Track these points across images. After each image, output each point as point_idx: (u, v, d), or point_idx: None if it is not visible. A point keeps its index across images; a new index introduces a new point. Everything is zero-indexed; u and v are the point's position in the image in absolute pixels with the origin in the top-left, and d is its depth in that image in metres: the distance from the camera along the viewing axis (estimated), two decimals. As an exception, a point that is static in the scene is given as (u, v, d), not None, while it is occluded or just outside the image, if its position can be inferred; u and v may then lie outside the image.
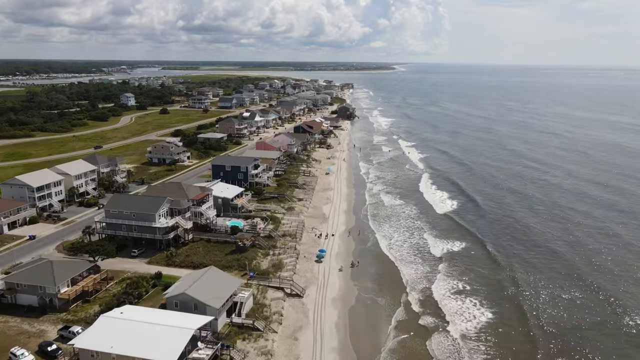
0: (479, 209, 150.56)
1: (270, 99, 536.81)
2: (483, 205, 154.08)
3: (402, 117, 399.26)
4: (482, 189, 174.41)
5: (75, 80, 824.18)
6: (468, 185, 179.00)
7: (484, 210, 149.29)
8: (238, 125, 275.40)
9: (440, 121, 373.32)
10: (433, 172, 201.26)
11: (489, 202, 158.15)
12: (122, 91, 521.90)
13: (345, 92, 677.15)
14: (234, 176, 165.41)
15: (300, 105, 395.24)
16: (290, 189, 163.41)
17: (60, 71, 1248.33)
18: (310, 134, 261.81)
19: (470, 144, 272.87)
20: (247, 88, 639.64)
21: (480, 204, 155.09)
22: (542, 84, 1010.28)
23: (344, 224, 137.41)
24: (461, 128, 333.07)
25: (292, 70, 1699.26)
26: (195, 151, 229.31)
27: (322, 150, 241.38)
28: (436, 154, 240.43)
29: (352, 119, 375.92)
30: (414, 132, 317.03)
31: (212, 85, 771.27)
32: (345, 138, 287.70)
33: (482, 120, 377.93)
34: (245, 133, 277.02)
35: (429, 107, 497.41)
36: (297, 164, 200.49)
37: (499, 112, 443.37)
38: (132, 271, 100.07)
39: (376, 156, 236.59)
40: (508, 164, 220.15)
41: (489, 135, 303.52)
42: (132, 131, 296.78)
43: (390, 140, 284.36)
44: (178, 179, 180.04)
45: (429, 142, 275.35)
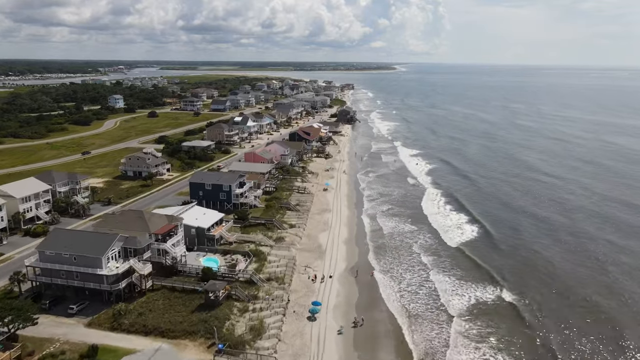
0: (494, 240, 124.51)
1: (267, 101, 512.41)
2: (498, 235, 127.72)
3: (404, 121, 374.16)
4: (493, 212, 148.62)
5: (69, 81, 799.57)
6: (478, 206, 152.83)
7: (499, 242, 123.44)
8: (228, 131, 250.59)
9: (443, 126, 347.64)
10: (438, 188, 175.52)
11: (504, 230, 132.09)
12: (111, 92, 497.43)
13: (345, 94, 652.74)
14: (215, 196, 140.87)
15: (298, 108, 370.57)
16: (281, 212, 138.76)
17: (54, 71, 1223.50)
18: (307, 142, 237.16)
19: (476, 152, 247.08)
20: (243, 89, 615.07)
21: (494, 234, 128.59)
22: (544, 85, 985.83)
23: (344, 259, 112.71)
24: (466, 134, 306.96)
25: (292, 71, 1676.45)
26: (178, 161, 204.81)
27: (320, 161, 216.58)
28: (440, 165, 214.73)
29: (352, 123, 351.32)
30: (417, 138, 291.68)
31: (209, 85, 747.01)
32: (346, 145, 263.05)
33: (487, 125, 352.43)
34: (235, 140, 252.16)
35: (432, 109, 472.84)
36: (291, 179, 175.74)
37: (504, 115, 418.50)
38: (62, 339, 75.42)
39: (378, 167, 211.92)
40: (519, 177, 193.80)
41: (496, 142, 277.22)
42: (113, 137, 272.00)
43: (392, 148, 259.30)
44: (153, 197, 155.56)
45: (432, 150, 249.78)
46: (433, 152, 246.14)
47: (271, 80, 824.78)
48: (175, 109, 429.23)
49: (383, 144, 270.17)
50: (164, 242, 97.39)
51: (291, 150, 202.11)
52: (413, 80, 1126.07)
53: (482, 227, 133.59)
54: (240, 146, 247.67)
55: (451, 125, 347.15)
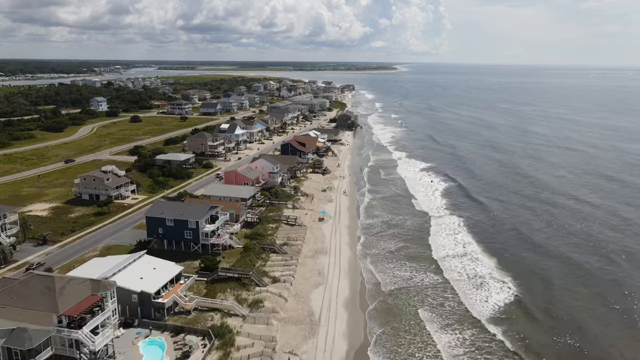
0: (527, 307, 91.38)
1: (262, 103, 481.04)
2: (532, 303, 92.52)
3: (409, 127, 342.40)
4: (516, 254, 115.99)
5: (60, 81, 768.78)
6: (497, 248, 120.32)
7: (536, 312, 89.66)
8: (212, 141, 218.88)
9: (448, 133, 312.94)
10: (448, 217, 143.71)
11: (536, 287, 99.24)
12: (94, 94, 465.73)
13: (345, 95, 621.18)
14: (178, 235, 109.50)
15: (294, 112, 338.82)
16: (263, 256, 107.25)
17: (47, 71, 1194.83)
18: (302, 154, 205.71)
19: (485, 167, 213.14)
20: (237, 91, 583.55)
21: (527, 300, 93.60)
22: (548, 85, 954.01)
23: (344, 337, 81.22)
24: (472, 143, 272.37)
25: (291, 71, 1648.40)
26: (149, 179, 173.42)
27: (317, 178, 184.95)
28: (447, 185, 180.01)
29: (354, 129, 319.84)
30: (423, 148, 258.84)
31: (204, 86, 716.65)
32: (347, 156, 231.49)
33: (494, 132, 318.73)
34: (220, 151, 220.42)
35: (439, 113, 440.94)
36: (280, 205, 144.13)
37: (511, 120, 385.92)
38: None
39: (381, 185, 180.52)
40: (538, 201, 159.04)
41: (506, 154, 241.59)
42: (82, 147, 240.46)
43: (394, 161, 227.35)
44: (104, 231, 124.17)
45: (438, 164, 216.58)
46: (439, 166, 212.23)
47: (268, 81, 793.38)
48: (161, 112, 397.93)
49: (384, 155, 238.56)
50: (79, 328, 65.82)
51: (282, 166, 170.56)
52: (415, 81, 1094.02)
53: (507, 285, 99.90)
54: (225, 158, 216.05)
55: (456, 132, 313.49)
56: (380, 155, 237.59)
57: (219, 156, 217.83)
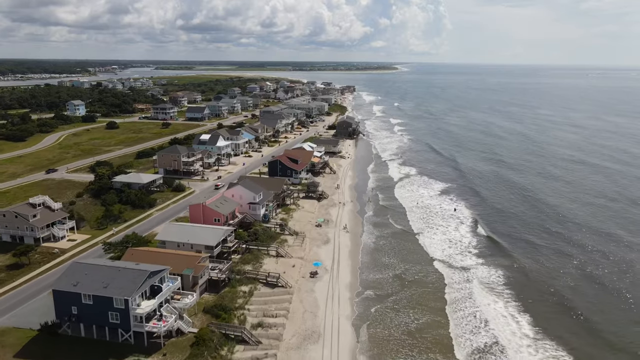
0: None
1: (257, 106, 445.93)
2: None
3: (414, 135, 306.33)
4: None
5: (49, 82, 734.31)
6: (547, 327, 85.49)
7: None
8: (187, 156, 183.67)
9: (466, 142, 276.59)
10: (481, 272, 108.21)
11: None
12: (74, 97, 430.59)
13: (346, 97, 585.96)
14: (100, 317, 74.59)
15: (288, 118, 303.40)
16: (224, 353, 72.23)
17: (39, 71, 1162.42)
18: (294, 173, 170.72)
19: (518, 199, 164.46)
20: (231, 92, 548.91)
21: None
22: (555, 86, 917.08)
23: None
24: (498, 158, 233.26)
25: (290, 71, 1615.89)
26: (102, 209, 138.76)
27: (310, 205, 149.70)
28: (465, 228, 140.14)
29: (355, 137, 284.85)
30: (434, 164, 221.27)
31: (197, 87, 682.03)
32: (347, 173, 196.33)
33: (522, 141, 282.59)
34: (197, 169, 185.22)
35: (448, 116, 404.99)
36: (260, 252, 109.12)
37: (536, 125, 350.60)
38: None
39: (389, 216, 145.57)
40: (595, 254, 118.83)
41: (537, 176, 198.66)
42: (39, 161, 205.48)
43: (405, 179, 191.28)
44: (12, 296, 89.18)
45: (455, 188, 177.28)
46: (455, 192, 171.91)
47: (265, 81, 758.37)
48: (144, 117, 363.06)
49: (391, 171, 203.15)
50: None
51: (266, 193, 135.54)
52: (417, 81, 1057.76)
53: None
54: (202, 177, 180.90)
55: (467, 143, 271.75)
56: (386, 172, 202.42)
57: (195, 174, 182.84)
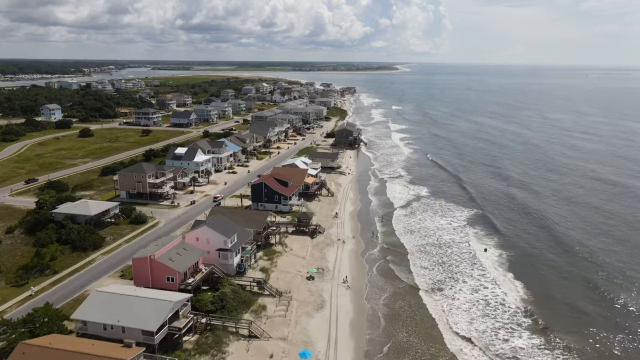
0: None
1: (250, 110, 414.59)
2: None
3: (420, 144, 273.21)
4: None
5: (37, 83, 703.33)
6: None
7: None
8: (154, 176, 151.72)
9: (473, 154, 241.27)
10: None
11: None
12: (53, 99, 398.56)
13: (346, 100, 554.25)
14: None
15: (282, 125, 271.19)
16: None
17: (31, 72, 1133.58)
18: (283, 199, 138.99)
19: (547, 238, 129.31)
20: (224, 95, 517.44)
21: None
22: (562, 87, 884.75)
23: None
24: (513, 176, 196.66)
25: (290, 71, 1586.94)
26: (32, 250, 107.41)
27: (301, 245, 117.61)
28: (499, 280, 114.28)
29: (357, 146, 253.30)
30: (440, 182, 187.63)
31: (191, 88, 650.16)
32: (348, 196, 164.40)
33: (535, 152, 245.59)
34: (166, 192, 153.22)
35: (452, 122, 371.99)
36: (225, 330, 77.38)
37: (547, 133, 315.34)
38: None
39: (401, 259, 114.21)
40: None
41: (573, 202, 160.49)
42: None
43: (416, 202, 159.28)
44: None
45: (473, 217, 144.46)
46: (474, 222, 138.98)
47: (262, 82, 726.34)
48: (126, 122, 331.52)
49: (399, 191, 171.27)
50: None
51: (242, 233, 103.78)
52: (419, 82, 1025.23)
53: None
54: (172, 203, 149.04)
55: (484, 156, 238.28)
56: (393, 193, 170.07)
57: (164, 198, 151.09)
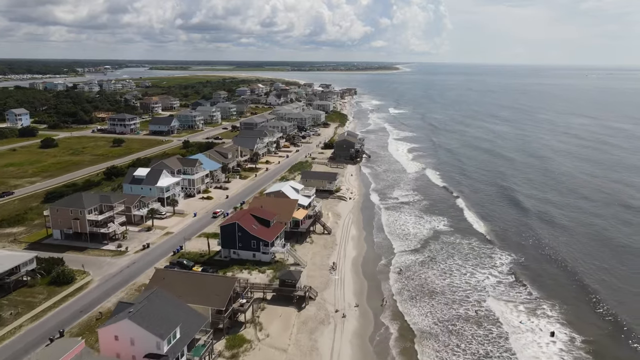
0: None
1: (242, 114, 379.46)
2: None
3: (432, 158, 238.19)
4: None
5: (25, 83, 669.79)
6: None
7: None
8: (96, 212, 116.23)
9: (495, 169, 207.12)
10: None
11: None
12: (24, 103, 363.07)
13: (346, 102, 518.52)
14: None
15: (272, 135, 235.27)
16: None
17: (22, 72, 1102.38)
18: (263, 245, 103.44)
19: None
20: (216, 97, 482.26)
21: None
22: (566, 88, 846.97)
23: None
24: (547, 209, 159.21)
25: (289, 71, 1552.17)
26: None
27: (282, 325, 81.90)
28: None
29: (359, 160, 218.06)
30: (463, 214, 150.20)
31: (184, 89, 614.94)
32: (349, 234, 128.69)
33: (565, 171, 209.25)
34: (113, 232, 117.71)
35: (468, 128, 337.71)
36: None
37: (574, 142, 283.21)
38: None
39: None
40: None
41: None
42: None
43: (427, 244, 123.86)
44: None
45: (518, 269, 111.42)
46: (522, 283, 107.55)
47: (257, 83, 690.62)
48: (100, 129, 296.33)
49: (410, 229, 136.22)
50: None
51: (191, 320, 68.36)
52: (422, 83, 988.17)
53: None
54: (120, 247, 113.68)
55: (512, 169, 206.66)
56: (406, 225, 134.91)
57: (110, 240, 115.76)
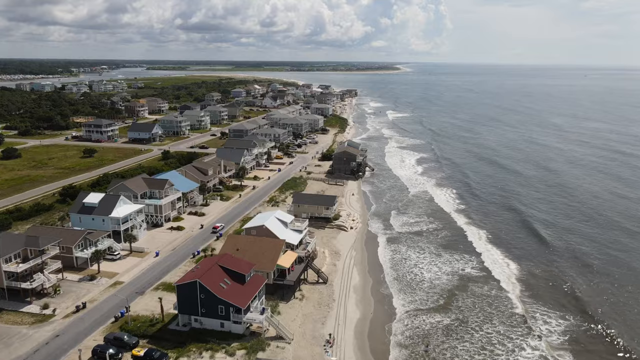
0: None
1: (234, 118, 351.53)
2: None
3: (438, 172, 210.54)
4: None
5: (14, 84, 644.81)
6: None
7: None
8: (17, 260, 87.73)
9: (508, 187, 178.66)
10: None
11: None
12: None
13: (346, 104, 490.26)
14: None
15: (263, 145, 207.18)
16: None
17: (14, 72, 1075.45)
18: (235, 312, 74.89)
19: None
20: (208, 98, 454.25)
21: None
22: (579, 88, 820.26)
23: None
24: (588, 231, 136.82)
25: (288, 71, 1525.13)
26: None
27: None
28: None
29: (361, 175, 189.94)
30: (492, 250, 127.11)
31: (177, 90, 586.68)
32: (350, 282, 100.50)
33: (596, 184, 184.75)
34: (40, 286, 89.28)
35: (479, 135, 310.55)
36: None
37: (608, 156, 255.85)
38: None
39: None
40: None
41: None
42: None
43: (449, 307, 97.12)
44: None
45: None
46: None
47: (254, 84, 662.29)
48: (75, 136, 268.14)
49: (425, 276, 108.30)
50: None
51: None
52: (425, 84, 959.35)
53: None
54: (44, 311, 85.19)
55: (523, 194, 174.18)
56: (420, 267, 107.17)
57: (35, 295, 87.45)
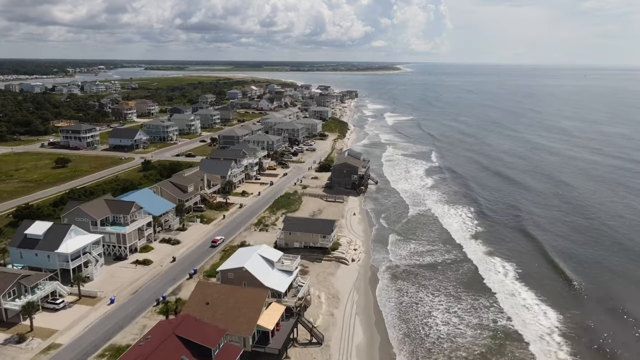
0: None
1: (227, 121, 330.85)
2: None
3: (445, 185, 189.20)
4: None
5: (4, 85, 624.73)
6: None
7: None
8: None
9: (521, 205, 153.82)
10: None
11: None
12: None
13: (346, 106, 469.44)
14: None
15: (254, 155, 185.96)
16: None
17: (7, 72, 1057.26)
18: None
19: None
20: (202, 100, 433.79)
21: None
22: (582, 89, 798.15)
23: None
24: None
25: (288, 71, 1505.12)
26: None
27: None
28: None
29: (363, 189, 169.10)
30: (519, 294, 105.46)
31: (171, 91, 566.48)
32: (352, 339, 79.93)
33: (618, 203, 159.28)
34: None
35: (481, 145, 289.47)
36: None
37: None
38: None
39: None
40: None
41: None
42: None
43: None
44: None
45: None
46: None
47: (251, 85, 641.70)
48: (52, 142, 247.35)
49: (437, 337, 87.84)
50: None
51: None
52: (426, 84, 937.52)
53: None
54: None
55: (536, 213, 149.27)
56: (434, 317, 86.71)
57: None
